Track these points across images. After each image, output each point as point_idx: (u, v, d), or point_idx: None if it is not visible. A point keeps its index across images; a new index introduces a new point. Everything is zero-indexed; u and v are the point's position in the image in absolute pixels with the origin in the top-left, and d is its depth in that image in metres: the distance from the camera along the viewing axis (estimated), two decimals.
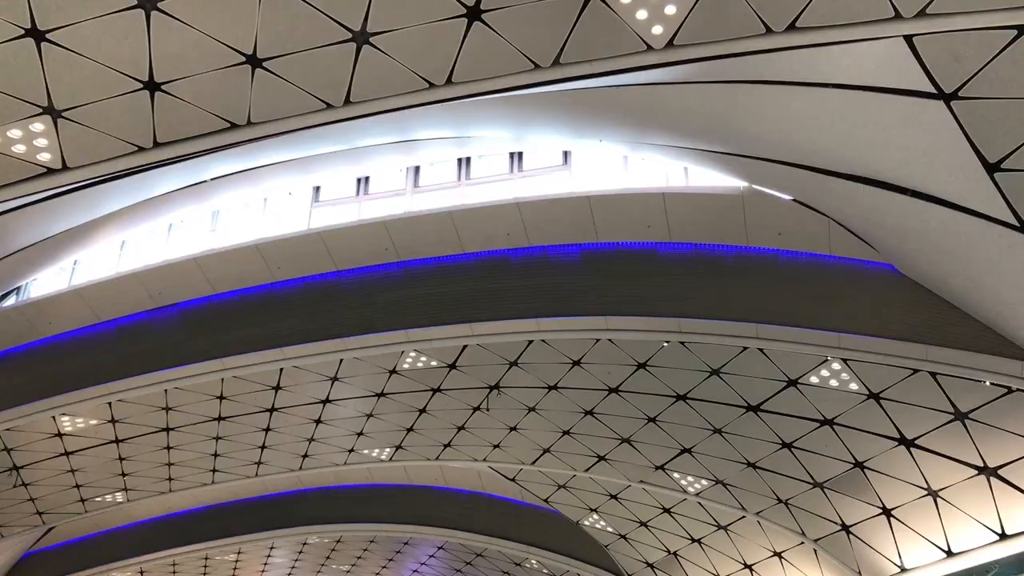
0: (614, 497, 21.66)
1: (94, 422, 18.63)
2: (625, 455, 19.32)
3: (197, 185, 14.99)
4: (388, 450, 21.79)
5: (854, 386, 14.61)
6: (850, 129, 10.35)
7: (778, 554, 19.98)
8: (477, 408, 18.89)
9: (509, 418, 19.21)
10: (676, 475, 19.35)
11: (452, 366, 17.13)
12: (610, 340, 15.53)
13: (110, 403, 17.77)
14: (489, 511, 27.20)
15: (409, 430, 20.40)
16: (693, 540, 21.59)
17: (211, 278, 16.44)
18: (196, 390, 17.78)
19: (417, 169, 16.97)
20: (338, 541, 30.43)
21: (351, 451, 21.79)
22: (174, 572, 32.60)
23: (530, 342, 16.01)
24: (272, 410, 19.07)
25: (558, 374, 16.91)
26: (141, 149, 10.85)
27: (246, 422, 19.61)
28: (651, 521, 21.90)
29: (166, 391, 17.62)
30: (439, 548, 29.30)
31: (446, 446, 21.21)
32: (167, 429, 19.48)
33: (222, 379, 17.36)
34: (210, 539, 30.03)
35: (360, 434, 20.72)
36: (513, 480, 22.76)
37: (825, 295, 13.86)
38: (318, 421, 19.86)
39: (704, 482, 19.11)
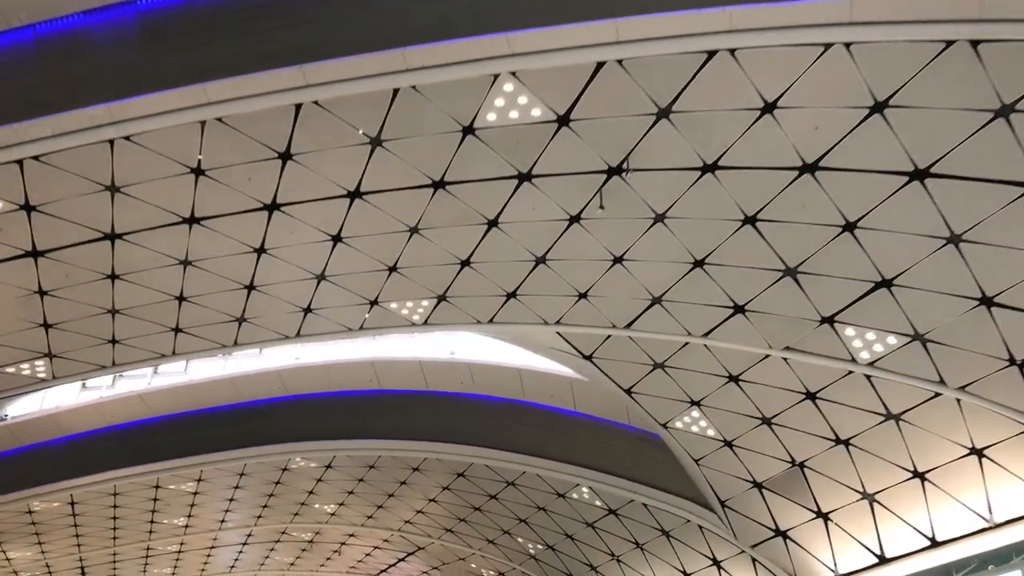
0: (734, 379, 15.81)
1: None
2: (780, 300, 13.48)
3: None
4: (426, 303, 15.64)
5: None
6: None
7: (978, 451, 14.35)
8: (576, 218, 12.87)
9: (618, 237, 13.23)
10: (850, 331, 13.56)
11: (563, 120, 11.04)
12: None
13: (21, 164, 11.34)
14: (529, 424, 21.29)
15: (464, 264, 14.29)
16: (838, 441, 15.86)
17: None
18: (160, 149, 11.45)
19: None
20: (328, 467, 24.21)
21: (375, 303, 15.59)
22: (114, 505, 25.99)
23: (709, 56, 9.94)
24: (272, 207, 12.80)
25: (736, 128, 10.87)
26: None
27: (231, 232, 13.31)
28: (780, 416, 16.10)
29: (111, 146, 11.25)
30: (458, 475, 23.21)
31: (510, 297, 15.14)
32: (112, 236, 13.09)
33: (202, 125, 11.06)
34: (163, 458, 23.57)
35: (393, 270, 14.54)
36: (589, 359, 16.77)
37: None
38: (337, 239, 13.63)
39: (892, 340, 13.36)
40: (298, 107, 10.83)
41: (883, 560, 16.65)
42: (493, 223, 13.19)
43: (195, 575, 35.63)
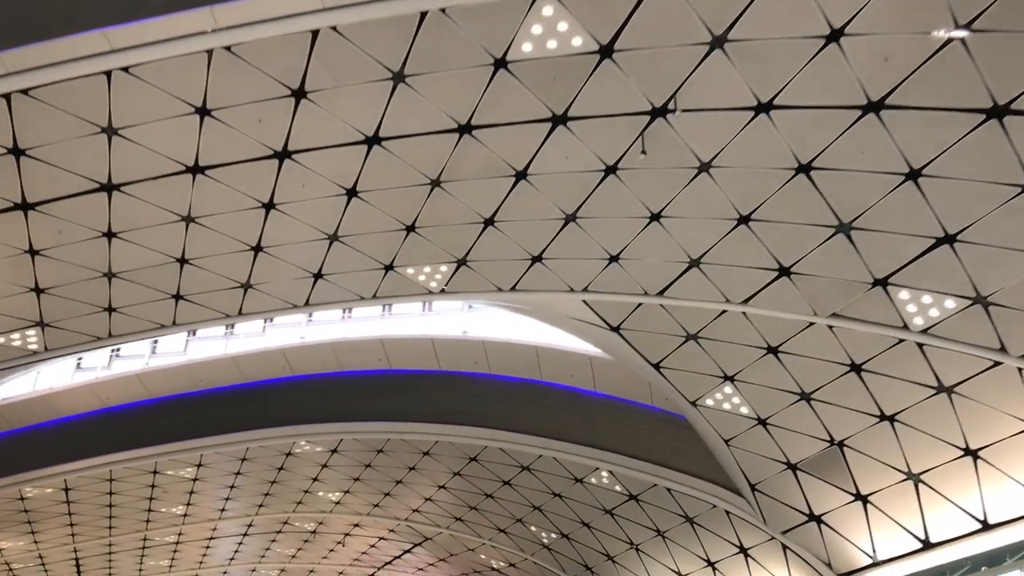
0: (773, 351, 14.82)
1: None
2: (830, 260, 12.49)
3: None
4: (444, 268, 14.63)
5: None
6: None
7: None
8: (612, 168, 11.88)
9: (657, 191, 12.25)
10: (904, 294, 12.57)
11: (606, 51, 10.05)
12: None
13: (9, 99, 10.31)
14: (546, 405, 20.33)
15: (488, 223, 13.30)
16: (883, 417, 14.87)
17: None
18: (162, 84, 10.43)
19: None
20: (333, 451, 23.19)
21: (390, 268, 14.58)
22: (110, 492, 24.94)
23: None
24: (283, 155, 11.78)
25: (797, 60, 9.89)
26: None
27: (238, 183, 12.31)
28: (820, 391, 15.11)
29: (108, 80, 10.23)
30: (471, 460, 22.20)
31: (535, 261, 14.16)
32: (109, 187, 12.07)
33: (209, 56, 10.05)
34: (162, 442, 22.53)
35: (411, 230, 13.54)
36: (616, 330, 15.77)
37: None
38: (352, 193, 12.63)
39: (950, 303, 12.37)
40: (315, 34, 9.82)
41: (928, 545, 15.68)
42: (522, 175, 12.19)
43: (193, 568, 34.58)
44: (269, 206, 12.80)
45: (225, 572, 35.68)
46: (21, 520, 26.17)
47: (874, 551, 16.64)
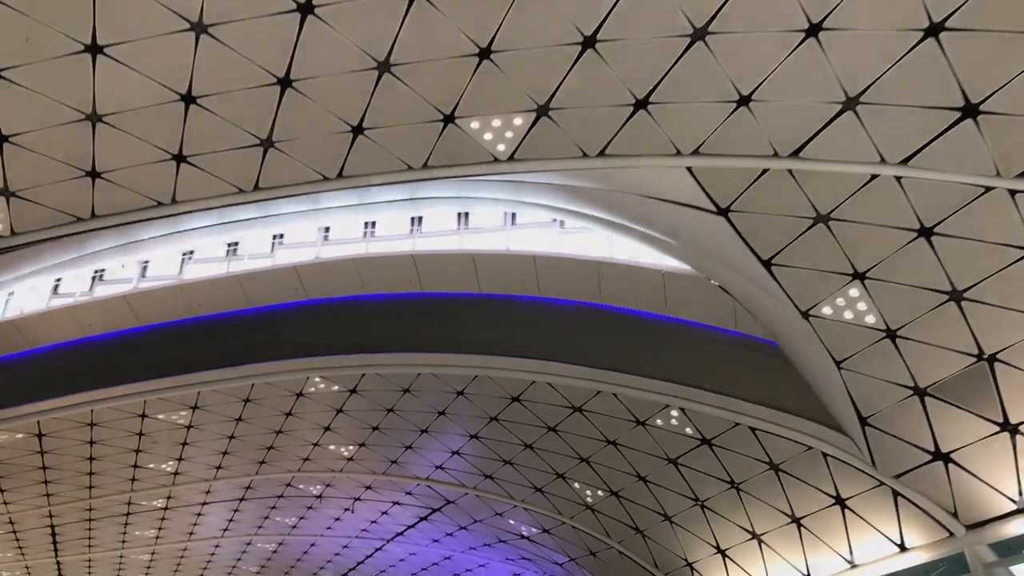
0: (926, 233, 11.84)
1: None
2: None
3: None
4: (519, 121, 11.60)
5: None
6: None
7: None
8: None
9: None
10: None
11: None
12: None
13: None
14: (606, 333, 17.39)
15: (587, 44, 10.27)
16: None
17: None
18: None
19: None
20: (352, 391, 20.06)
21: (450, 120, 11.53)
22: (91, 441, 21.78)
23: None
24: None
25: None
26: None
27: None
28: (977, 287, 12.15)
29: None
30: (513, 400, 19.17)
31: (639, 107, 11.14)
32: None
33: None
34: (153, 376, 19.40)
35: (485, 55, 10.49)
36: (724, 212, 12.74)
37: None
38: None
39: None
40: None
41: None
42: None
43: (181, 540, 31.35)
44: (306, 8, 9.73)
45: (217, 545, 32.49)
46: None
47: (1021, 494, 13.76)
